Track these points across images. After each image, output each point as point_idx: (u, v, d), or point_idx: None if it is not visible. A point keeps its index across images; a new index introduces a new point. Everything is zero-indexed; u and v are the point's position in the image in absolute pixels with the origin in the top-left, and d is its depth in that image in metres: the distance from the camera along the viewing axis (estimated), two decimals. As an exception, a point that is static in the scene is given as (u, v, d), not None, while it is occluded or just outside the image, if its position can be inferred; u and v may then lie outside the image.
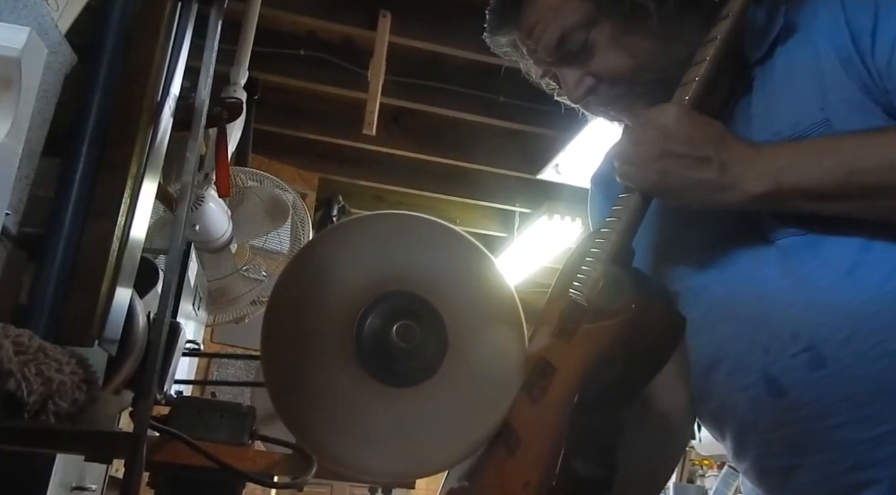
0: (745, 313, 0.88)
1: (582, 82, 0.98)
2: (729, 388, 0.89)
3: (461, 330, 1.00)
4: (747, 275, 0.88)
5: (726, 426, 0.93)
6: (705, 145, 0.82)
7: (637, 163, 0.85)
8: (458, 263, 1.02)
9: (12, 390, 0.63)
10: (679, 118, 0.84)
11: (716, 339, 0.91)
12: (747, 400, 0.87)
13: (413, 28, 3.06)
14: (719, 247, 0.91)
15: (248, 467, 1.00)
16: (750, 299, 0.87)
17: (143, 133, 0.88)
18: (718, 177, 0.82)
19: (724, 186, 0.82)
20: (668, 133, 0.83)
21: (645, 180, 0.85)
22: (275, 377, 0.98)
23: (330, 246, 1.04)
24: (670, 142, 0.83)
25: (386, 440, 0.98)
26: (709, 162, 0.82)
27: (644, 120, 0.87)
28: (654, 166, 0.84)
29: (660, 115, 0.85)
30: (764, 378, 0.85)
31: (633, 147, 0.86)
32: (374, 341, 0.98)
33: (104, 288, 0.80)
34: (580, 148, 3.39)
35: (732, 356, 0.89)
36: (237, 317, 2.12)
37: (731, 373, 0.89)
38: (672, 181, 0.84)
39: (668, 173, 0.83)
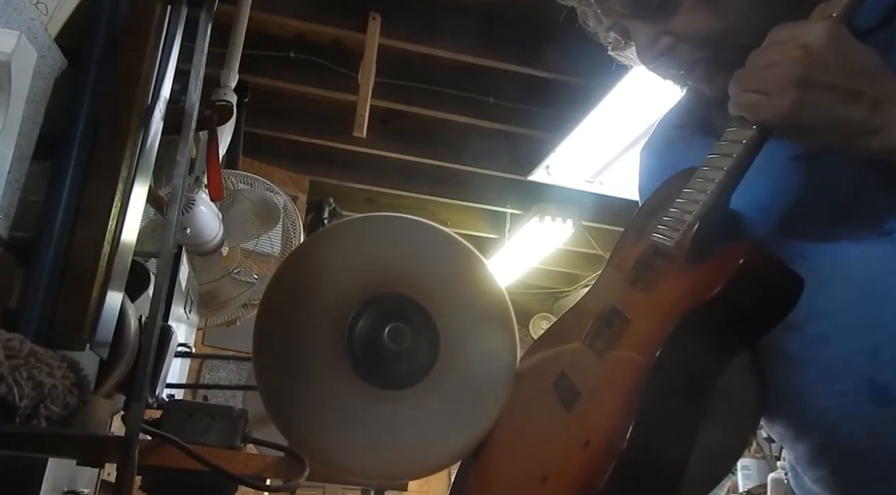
0: (847, 313, 0.77)
1: (659, 41, 0.85)
2: (821, 391, 0.79)
3: (452, 332, 1.00)
4: (853, 269, 0.77)
5: (808, 430, 0.83)
6: (857, 76, 0.68)
7: (769, 90, 0.70)
8: (449, 265, 1.03)
9: (3, 395, 0.63)
10: (829, 38, 0.68)
11: (805, 338, 0.79)
12: (841, 407, 0.77)
13: (403, 30, 3.07)
14: (817, 232, 0.80)
15: (240, 470, 1.00)
16: (854, 297, 0.76)
17: (133, 136, 0.88)
18: (868, 116, 0.68)
19: (872, 129, 0.68)
20: (814, 56, 0.68)
21: (776, 111, 0.70)
22: (267, 380, 0.98)
23: (321, 248, 1.04)
24: (815, 67, 0.68)
25: (378, 442, 0.98)
26: (859, 97, 0.68)
27: (783, 35, 0.71)
28: (789, 95, 0.69)
29: (805, 33, 0.69)
30: (868, 383, 0.74)
31: (766, 70, 0.71)
32: (366, 343, 0.98)
33: (95, 291, 0.80)
34: (571, 149, 3.40)
35: (825, 358, 0.78)
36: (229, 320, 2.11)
37: (824, 376, 0.78)
38: (809, 116, 0.69)
39: (805, 106, 0.69)
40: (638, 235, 0.90)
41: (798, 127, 0.70)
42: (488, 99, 3.43)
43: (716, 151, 0.77)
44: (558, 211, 4.24)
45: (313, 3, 3.01)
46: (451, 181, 4.25)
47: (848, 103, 0.68)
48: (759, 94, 0.71)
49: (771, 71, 0.70)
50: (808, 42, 0.69)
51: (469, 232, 4.69)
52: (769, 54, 0.71)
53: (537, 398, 0.91)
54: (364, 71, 2.96)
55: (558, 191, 4.04)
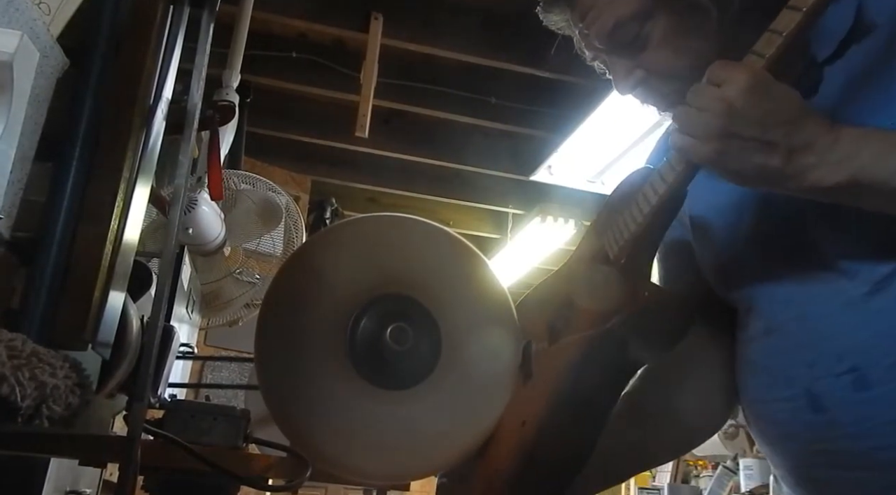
0: (792, 329, 0.86)
1: (632, 74, 0.94)
2: (770, 397, 0.89)
3: (455, 332, 1.00)
4: (795, 290, 0.86)
5: (766, 432, 0.93)
6: (774, 128, 0.73)
7: (696, 135, 0.76)
8: (451, 265, 1.03)
9: (6, 395, 0.63)
10: (750, 92, 0.74)
11: (763, 350, 0.91)
12: (788, 411, 0.86)
13: (405, 30, 3.07)
14: (768, 254, 0.89)
15: (242, 470, 1.00)
16: (795, 315, 0.86)
17: (136, 137, 0.88)
18: (783, 165, 0.73)
19: (788, 176, 0.74)
20: (734, 110, 0.73)
21: (701, 156, 0.77)
22: (269, 380, 0.98)
23: (323, 249, 1.04)
24: (735, 120, 0.74)
25: (380, 442, 0.98)
26: (775, 148, 0.73)
27: (713, 77, 0.77)
28: (713, 144, 0.75)
29: (729, 82, 0.74)
30: (806, 393, 0.83)
31: (696, 115, 0.76)
32: (368, 344, 0.98)
33: (97, 292, 0.80)
34: (573, 149, 3.40)
35: (776, 367, 0.88)
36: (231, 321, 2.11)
37: (773, 383, 0.88)
38: (730, 163, 0.76)
39: (727, 154, 0.75)
40: (600, 233, 0.99)
41: (722, 170, 0.77)
42: (490, 99, 3.43)
43: (659, 172, 0.85)
44: (560, 211, 4.24)
45: (315, 3, 3.01)
46: (454, 181, 4.25)
47: (764, 152, 0.74)
48: (690, 138, 0.77)
49: (699, 117, 0.76)
50: (731, 96, 0.74)
51: (471, 232, 4.69)
52: (700, 98, 0.77)
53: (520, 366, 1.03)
54: (366, 71, 2.96)
55: (560, 192, 4.04)
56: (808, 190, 0.75)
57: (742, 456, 3.85)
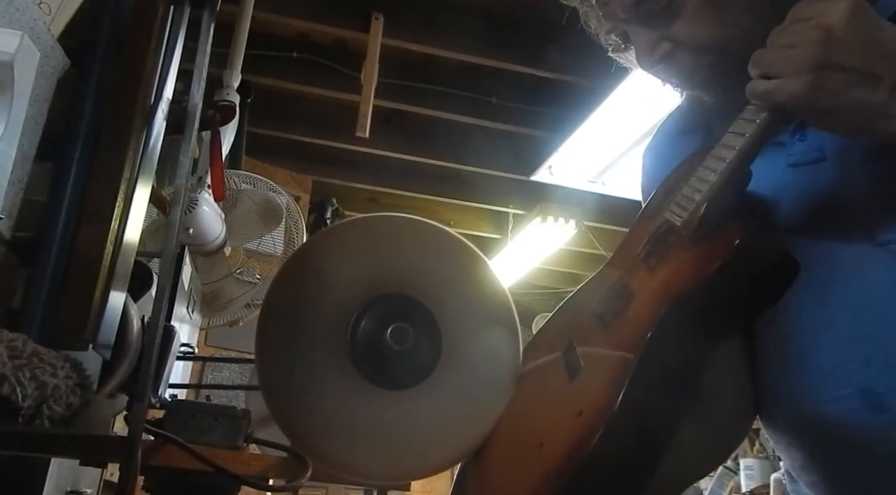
0: (843, 321, 0.77)
1: (658, 47, 0.85)
2: (815, 398, 0.79)
3: (455, 332, 1.00)
4: (847, 280, 0.77)
5: (802, 436, 0.84)
6: (878, 59, 0.66)
7: (785, 72, 0.68)
8: (451, 265, 1.03)
9: (6, 395, 0.63)
10: (851, 18, 0.66)
11: (804, 345, 0.80)
12: (836, 414, 0.77)
13: (405, 30, 3.07)
14: (815, 241, 0.80)
15: (242, 470, 0.99)
16: (850, 307, 0.76)
17: (136, 137, 0.88)
18: (887, 99, 0.66)
19: (890, 114, 0.67)
20: (834, 37, 0.66)
21: (792, 93, 0.68)
22: (269, 380, 0.98)
23: (324, 249, 1.04)
24: (834, 49, 0.66)
25: (381, 442, 0.98)
26: (879, 80, 0.66)
27: (804, 13, 0.69)
28: (805, 78, 0.66)
29: (827, 12, 0.67)
30: (861, 392, 0.75)
31: (784, 51, 0.69)
32: (369, 344, 0.98)
33: (98, 292, 0.80)
34: (573, 149, 3.40)
35: (821, 366, 0.78)
36: (231, 321, 2.11)
37: (818, 383, 0.78)
38: (826, 99, 0.67)
39: (821, 89, 0.66)
40: (655, 212, 0.90)
41: (814, 110, 0.69)
42: (491, 99, 3.43)
43: (732, 130, 0.76)
44: (561, 211, 4.24)
45: (316, 4, 3.01)
46: (454, 181, 4.25)
47: (867, 86, 0.66)
48: (775, 78, 0.69)
49: (789, 52, 0.68)
50: (829, 22, 0.66)
51: (472, 232, 4.69)
52: (788, 34, 0.69)
53: (548, 366, 0.94)
54: (367, 71, 2.96)
55: (561, 192, 4.04)
56: None
57: (742, 457, 3.85)
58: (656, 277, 0.80)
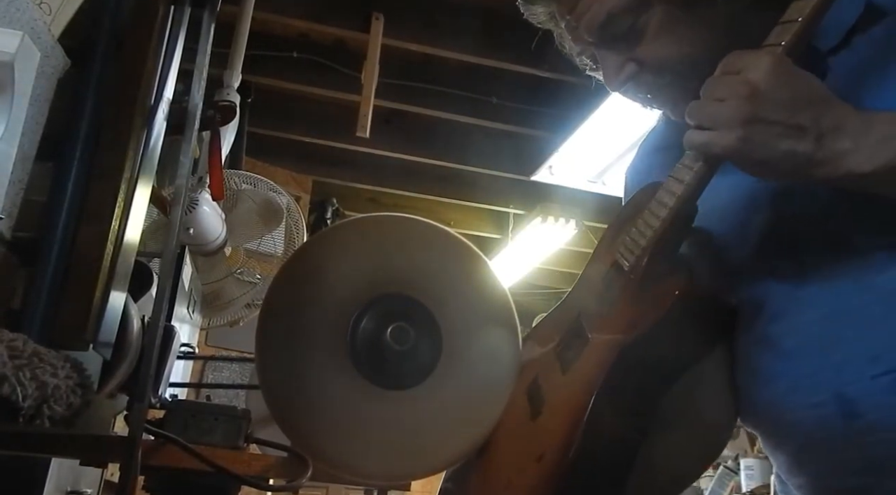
0: (814, 330, 0.79)
1: (624, 68, 0.88)
2: (792, 404, 0.81)
3: (455, 332, 1.00)
4: (818, 287, 0.79)
5: (784, 440, 0.86)
6: (801, 111, 0.69)
7: (717, 125, 0.71)
8: (451, 265, 1.03)
9: (7, 395, 0.63)
10: (774, 74, 0.70)
11: (779, 353, 0.82)
12: (814, 419, 0.79)
13: (406, 30, 3.07)
14: (788, 251, 0.82)
15: (242, 470, 0.99)
16: (820, 314, 0.78)
17: (137, 137, 0.88)
18: (814, 150, 0.69)
19: (818, 161, 0.69)
20: (759, 92, 0.69)
21: (724, 146, 0.71)
22: (269, 379, 0.98)
23: (324, 248, 1.04)
24: (761, 104, 0.69)
25: (381, 442, 0.98)
26: (804, 131, 0.69)
27: (732, 66, 0.73)
28: (736, 132, 0.70)
29: (751, 67, 0.71)
30: (836, 398, 0.76)
31: (715, 105, 0.72)
32: (369, 343, 0.98)
33: (98, 292, 0.80)
34: (574, 149, 3.39)
35: (796, 372, 0.80)
36: (232, 321, 2.11)
37: (793, 389, 0.80)
38: (758, 151, 0.70)
39: (752, 141, 0.70)
40: (607, 248, 0.93)
41: (747, 160, 0.72)
42: (491, 99, 3.43)
43: (673, 174, 0.80)
44: (561, 211, 4.24)
45: (316, 4, 3.01)
46: (455, 181, 4.24)
47: (793, 137, 0.69)
48: (710, 130, 0.72)
49: (721, 107, 0.71)
50: (754, 79, 0.70)
51: (472, 232, 4.69)
52: (719, 88, 0.73)
53: (514, 400, 0.97)
54: (367, 71, 2.96)
55: (561, 192, 4.04)
56: (842, 177, 0.70)
57: (743, 457, 3.85)
58: (607, 324, 0.83)
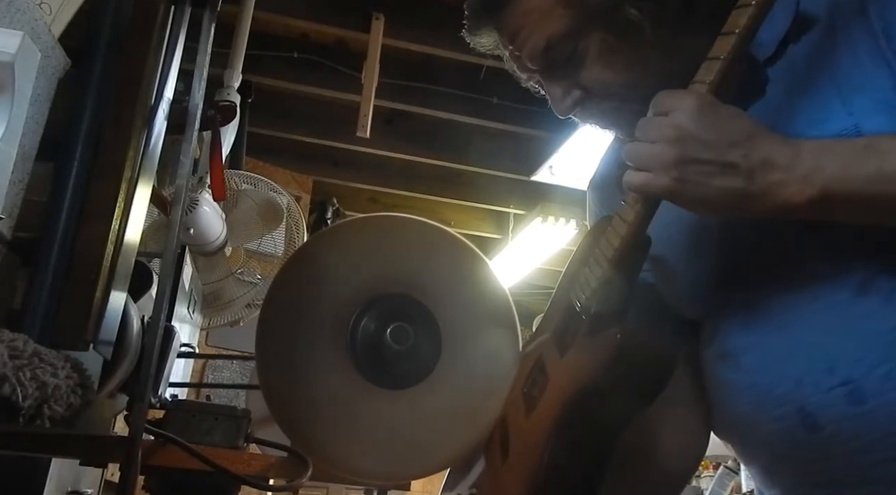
0: (771, 343, 0.80)
1: (569, 94, 0.90)
2: (758, 418, 0.82)
3: (455, 332, 1.00)
4: (772, 302, 0.80)
5: (755, 453, 0.88)
6: (730, 148, 0.71)
7: (653, 167, 0.74)
8: (451, 265, 1.03)
9: (7, 395, 0.63)
10: (699, 113, 0.72)
11: (740, 367, 0.83)
12: (779, 432, 0.80)
13: (406, 30, 3.07)
14: (739, 269, 0.84)
15: (243, 470, 1.00)
16: (776, 327, 0.80)
17: (137, 137, 0.88)
18: (746, 185, 0.71)
19: (752, 195, 0.71)
20: (687, 133, 0.72)
21: (659, 187, 0.74)
22: (270, 379, 0.98)
23: (324, 249, 1.04)
24: (688, 145, 0.72)
25: (381, 442, 0.98)
26: (734, 168, 0.71)
27: (661, 107, 0.75)
28: (670, 173, 0.72)
29: (677, 108, 0.73)
30: (798, 411, 0.77)
31: (647, 148, 0.74)
32: (369, 343, 0.98)
33: (98, 292, 0.80)
34: (574, 149, 3.40)
35: (760, 386, 0.81)
36: (232, 321, 2.11)
37: (760, 403, 0.81)
38: (691, 190, 0.73)
39: (686, 182, 0.72)
40: (570, 282, 0.93)
41: (684, 200, 0.74)
42: (492, 99, 3.43)
43: (619, 213, 0.81)
44: (562, 211, 4.24)
45: (317, 4, 3.01)
46: (455, 181, 4.25)
47: (725, 175, 0.71)
48: (645, 171, 0.75)
49: (652, 149, 0.74)
50: (679, 121, 0.72)
51: (472, 232, 4.69)
52: (650, 130, 0.75)
53: (493, 439, 0.98)
54: (367, 71, 2.96)
55: (562, 192, 4.04)
56: (779, 209, 0.71)
57: (743, 457, 3.85)
58: (563, 365, 0.85)
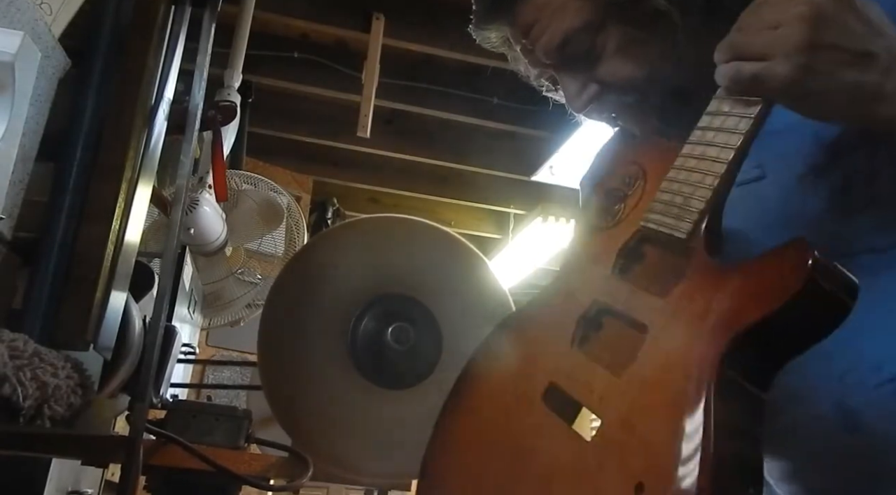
0: None
1: (585, 90, 0.86)
2: (791, 413, 0.76)
3: (455, 331, 1.00)
4: None
5: (781, 448, 0.82)
6: (870, 37, 0.61)
7: (773, 54, 0.62)
8: (452, 266, 1.03)
9: (7, 395, 0.63)
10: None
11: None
12: (816, 429, 0.75)
13: (406, 30, 3.07)
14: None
15: (243, 470, 1.00)
16: None
17: (137, 137, 0.88)
18: (881, 80, 0.61)
19: (887, 95, 0.62)
20: (824, 13, 0.61)
21: (782, 79, 0.61)
22: (271, 380, 0.98)
23: (325, 250, 1.04)
24: (826, 27, 0.60)
25: (381, 441, 0.98)
26: (874, 60, 0.61)
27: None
28: (796, 59, 0.60)
29: None
30: (838, 408, 0.73)
31: (767, 32, 0.63)
32: (370, 343, 0.98)
33: (99, 292, 0.80)
34: (574, 149, 3.39)
35: (798, 381, 0.73)
36: (232, 321, 2.11)
37: (793, 399, 0.75)
38: (817, 82, 0.61)
39: (814, 71, 0.61)
40: (605, 218, 0.81)
41: (807, 93, 0.63)
42: (492, 99, 3.43)
43: (709, 126, 0.68)
44: (562, 211, 4.23)
45: (317, 4, 3.01)
46: (455, 181, 4.24)
47: (860, 66, 0.61)
48: (760, 61, 0.63)
49: (774, 33, 0.62)
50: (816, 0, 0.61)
51: (473, 232, 4.69)
52: (769, 13, 0.63)
53: (523, 414, 0.75)
54: (368, 71, 2.96)
55: (562, 192, 4.04)
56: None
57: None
58: (684, 306, 0.66)
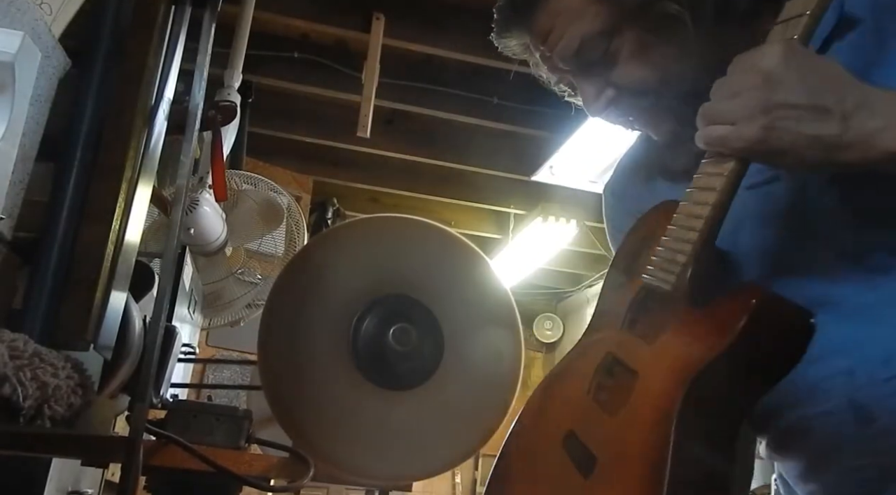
0: (823, 334, 0.72)
1: (603, 94, 0.89)
2: (804, 411, 0.79)
3: (457, 332, 1.00)
4: (823, 290, 0.77)
5: (795, 447, 0.84)
6: (821, 92, 0.66)
7: (736, 120, 0.69)
8: (453, 266, 1.03)
9: (8, 395, 0.63)
10: (787, 58, 0.67)
11: None
12: (828, 426, 0.77)
13: (406, 30, 3.06)
14: (783, 258, 0.81)
15: (244, 470, 0.99)
16: (829, 320, 0.73)
17: (138, 137, 0.88)
18: (841, 132, 0.66)
19: (848, 144, 0.66)
20: (774, 79, 0.67)
21: (747, 140, 0.68)
22: (271, 380, 0.98)
23: (326, 250, 1.04)
24: (778, 90, 0.67)
25: (382, 442, 0.98)
26: (828, 113, 0.66)
27: (742, 65, 0.70)
28: (758, 121, 0.67)
29: (762, 58, 0.68)
30: (849, 404, 0.75)
31: (730, 101, 0.69)
32: (371, 344, 0.98)
33: (99, 292, 0.80)
34: (574, 149, 3.39)
35: (809, 378, 0.76)
36: (232, 321, 2.11)
37: (804, 395, 0.78)
38: (781, 139, 0.67)
39: (775, 129, 0.67)
40: (626, 275, 0.88)
41: (773, 151, 0.69)
42: (492, 99, 3.43)
43: (695, 186, 0.75)
44: (562, 211, 4.24)
45: (317, 4, 3.01)
46: (455, 181, 4.25)
47: (817, 120, 0.66)
48: (728, 125, 0.69)
49: (735, 101, 0.69)
50: (766, 66, 0.68)
51: (473, 232, 4.69)
52: (731, 84, 0.70)
53: (547, 454, 0.83)
54: (368, 71, 2.96)
55: (562, 192, 4.04)
56: (878, 158, 0.66)
57: (744, 457, 3.84)
58: (662, 351, 0.74)
